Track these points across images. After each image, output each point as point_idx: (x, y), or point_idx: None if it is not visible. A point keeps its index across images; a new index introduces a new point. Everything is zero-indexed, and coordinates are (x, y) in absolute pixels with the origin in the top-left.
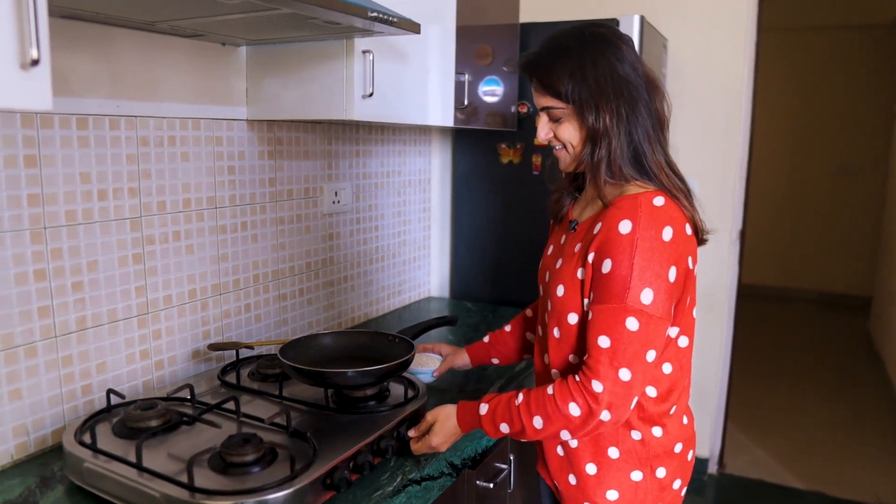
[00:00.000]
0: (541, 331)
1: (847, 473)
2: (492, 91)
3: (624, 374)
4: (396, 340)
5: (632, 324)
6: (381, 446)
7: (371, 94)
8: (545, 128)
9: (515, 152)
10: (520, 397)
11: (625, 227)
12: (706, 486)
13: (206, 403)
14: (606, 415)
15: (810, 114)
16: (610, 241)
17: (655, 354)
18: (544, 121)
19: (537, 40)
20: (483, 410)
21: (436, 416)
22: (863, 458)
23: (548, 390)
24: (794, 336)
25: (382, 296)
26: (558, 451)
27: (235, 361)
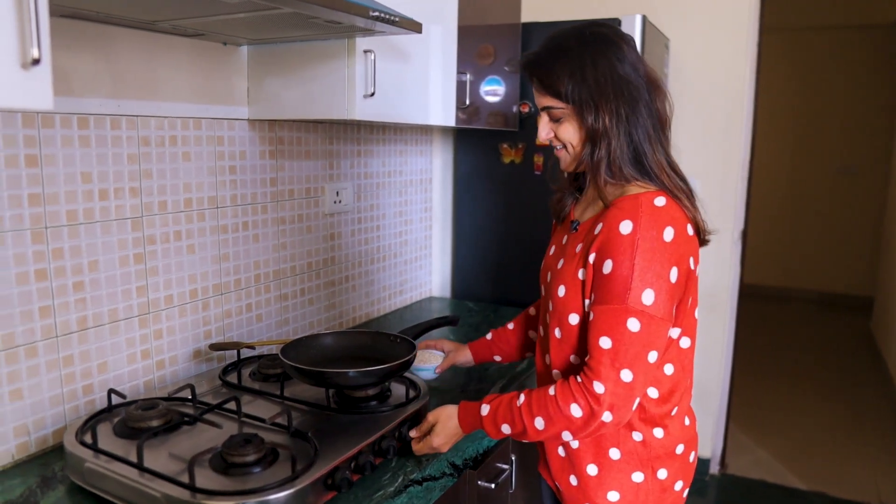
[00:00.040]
0: (542, 331)
1: (849, 474)
2: (493, 91)
3: (625, 375)
4: (398, 340)
5: (633, 325)
6: (383, 446)
7: (373, 94)
8: (546, 128)
9: (517, 152)
10: (521, 398)
11: (626, 227)
12: (708, 486)
13: (208, 403)
14: (608, 416)
15: (811, 114)
16: (611, 242)
17: (657, 355)
18: (545, 121)
19: (539, 40)
20: (484, 411)
21: (437, 416)
22: (864, 459)
23: (549, 391)
24: (795, 336)
25: (384, 296)
26: (559, 452)
27: (237, 361)
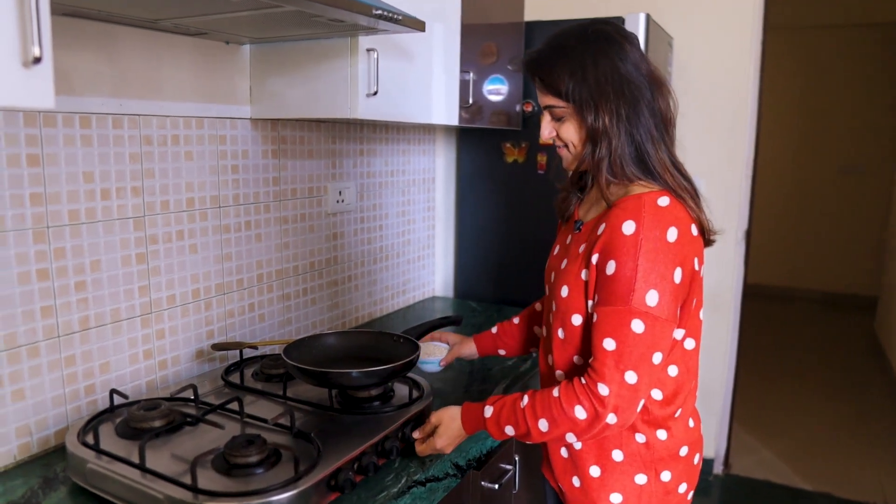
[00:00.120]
0: (545, 331)
1: (853, 474)
2: (496, 90)
3: (630, 377)
4: (401, 340)
5: (637, 326)
6: (386, 447)
7: (375, 93)
8: (548, 127)
9: (520, 151)
10: (525, 399)
11: (628, 227)
12: (712, 486)
13: (210, 404)
14: (613, 418)
15: (815, 113)
16: (614, 243)
17: (662, 357)
18: (547, 119)
19: (542, 39)
20: (488, 413)
21: (440, 418)
22: (869, 459)
23: (553, 393)
24: (799, 336)
25: (386, 295)
26: (562, 453)
27: (239, 361)
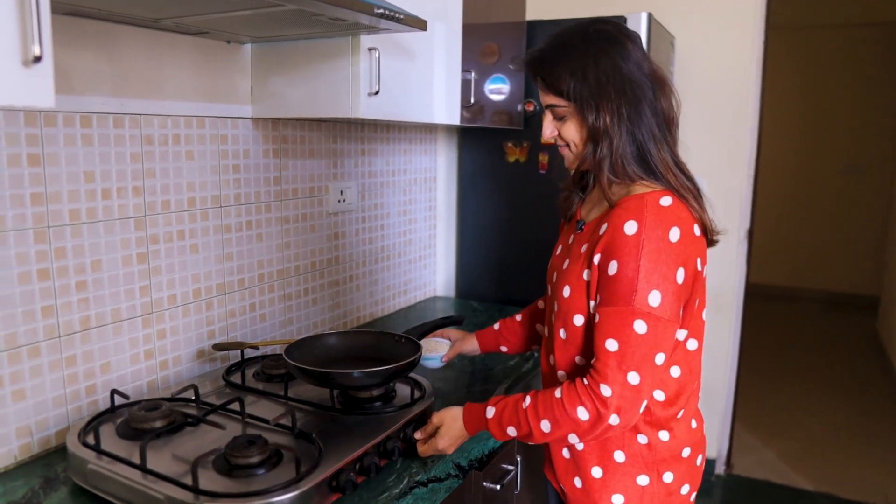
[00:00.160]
0: (547, 331)
1: (855, 474)
2: (498, 89)
3: (633, 378)
4: (402, 341)
5: (640, 326)
6: (388, 448)
7: (377, 92)
8: (550, 126)
9: (522, 151)
10: (527, 400)
11: (630, 227)
12: (713, 486)
13: (211, 404)
14: (615, 419)
15: (817, 112)
16: (615, 243)
17: (664, 357)
18: (549, 119)
19: (543, 38)
20: (490, 413)
21: (442, 418)
22: (871, 459)
23: (555, 394)
24: (800, 336)
25: (388, 295)
26: (564, 454)
27: (240, 361)
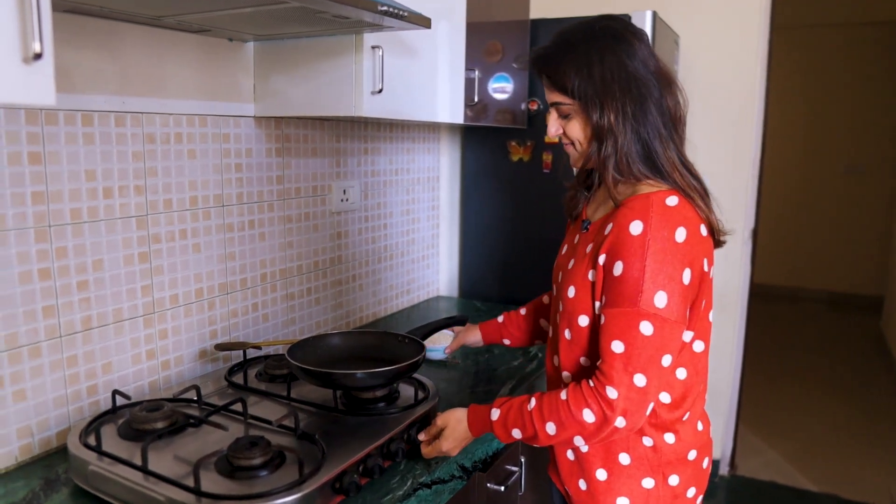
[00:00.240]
0: (552, 331)
1: (860, 475)
2: (502, 88)
3: (639, 380)
4: (406, 341)
5: (646, 328)
6: (392, 449)
7: (380, 91)
8: (555, 124)
9: (525, 150)
10: (532, 402)
11: (636, 227)
12: (717, 487)
13: (213, 405)
14: (621, 421)
15: (820, 112)
16: (621, 243)
17: (671, 359)
18: (554, 117)
19: (547, 37)
20: (495, 415)
21: (446, 420)
22: (876, 460)
23: (561, 396)
24: (804, 336)
25: (391, 295)
26: (568, 456)
27: (243, 362)
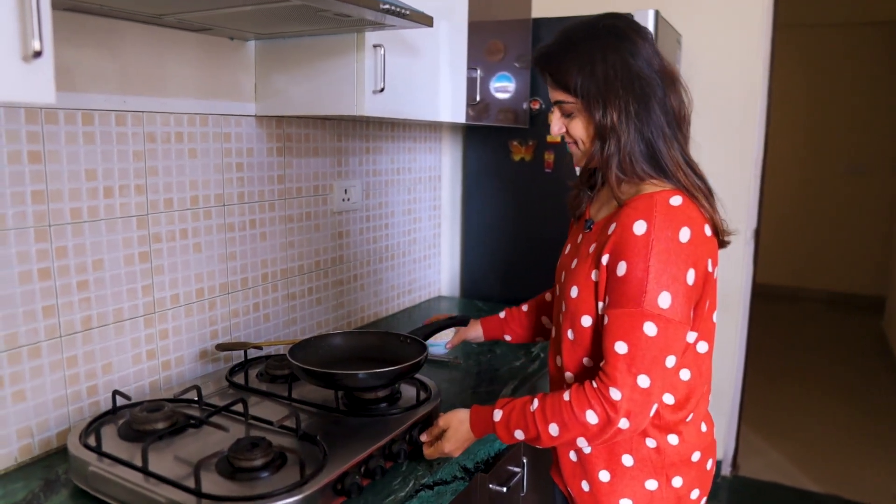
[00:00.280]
0: (554, 331)
1: (863, 475)
2: (503, 87)
3: (643, 381)
4: (408, 341)
5: (650, 329)
6: (393, 450)
7: (382, 90)
8: (558, 123)
9: (527, 149)
10: (535, 403)
11: (639, 227)
12: (720, 488)
13: (214, 405)
14: (625, 423)
15: (822, 112)
16: (624, 243)
17: (675, 360)
18: (557, 115)
19: (549, 36)
20: (497, 416)
21: (448, 421)
22: (879, 460)
23: (564, 397)
24: (806, 336)
25: (392, 295)
26: (571, 457)
27: (244, 362)
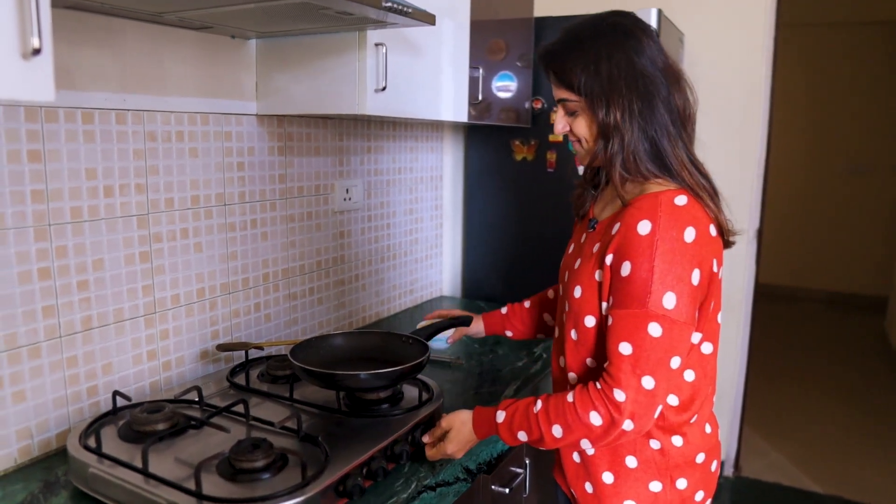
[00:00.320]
0: (557, 332)
1: (865, 476)
2: (505, 86)
3: (647, 383)
4: (410, 341)
5: (654, 330)
6: (396, 451)
7: (384, 88)
8: (562, 121)
9: (529, 149)
10: (538, 404)
11: (644, 227)
12: (722, 489)
13: (215, 406)
14: (629, 424)
15: (824, 111)
16: (628, 243)
17: (680, 361)
18: (561, 113)
19: (552, 35)
20: (500, 418)
21: (451, 422)
22: (881, 461)
23: (567, 398)
24: (807, 337)
25: (394, 295)
26: (574, 458)
27: (245, 362)
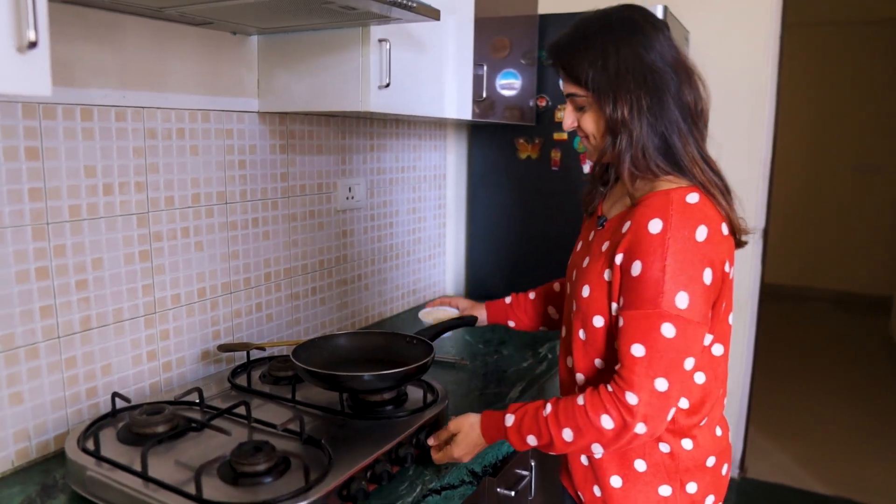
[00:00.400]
0: (564, 331)
1: (871, 478)
2: (509, 84)
3: (660, 385)
4: (414, 342)
5: (668, 330)
6: (400, 454)
7: (388, 85)
8: (570, 116)
9: (534, 147)
10: (548, 408)
11: (655, 226)
12: (728, 490)
13: (216, 408)
14: (642, 427)
15: (828, 110)
16: (639, 242)
17: (693, 362)
18: (569, 109)
19: (556, 32)
20: (509, 422)
21: (459, 426)
22: (886, 462)
23: (578, 401)
24: (813, 337)
25: (397, 295)
26: (582, 461)
27: (246, 363)
